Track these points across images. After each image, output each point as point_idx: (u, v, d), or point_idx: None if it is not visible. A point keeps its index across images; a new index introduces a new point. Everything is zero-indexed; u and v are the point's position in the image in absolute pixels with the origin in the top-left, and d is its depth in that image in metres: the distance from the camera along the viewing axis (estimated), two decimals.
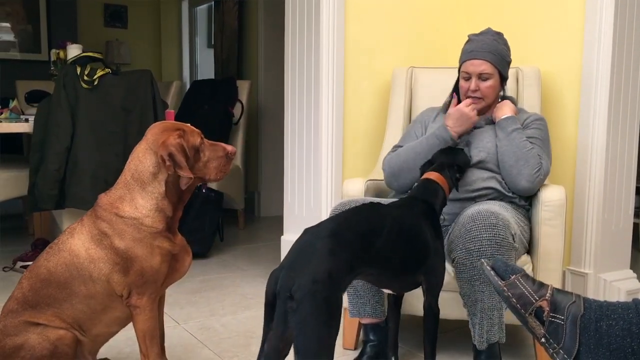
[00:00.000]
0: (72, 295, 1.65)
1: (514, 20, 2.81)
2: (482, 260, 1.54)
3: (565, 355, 1.37)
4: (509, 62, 2.24)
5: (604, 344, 1.33)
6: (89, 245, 1.65)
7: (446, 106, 2.31)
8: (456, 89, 2.28)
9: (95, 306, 1.67)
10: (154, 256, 1.66)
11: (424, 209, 1.79)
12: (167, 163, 1.62)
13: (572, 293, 1.44)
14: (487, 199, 2.10)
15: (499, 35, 2.22)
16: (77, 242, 1.67)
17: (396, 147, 2.33)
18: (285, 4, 2.91)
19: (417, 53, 2.96)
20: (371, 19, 2.84)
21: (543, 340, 1.41)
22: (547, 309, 1.41)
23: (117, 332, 1.80)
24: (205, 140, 1.74)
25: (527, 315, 1.43)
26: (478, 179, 2.11)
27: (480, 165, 2.12)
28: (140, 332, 1.71)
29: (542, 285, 1.45)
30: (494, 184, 2.11)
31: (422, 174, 1.96)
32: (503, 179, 2.13)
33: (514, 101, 2.28)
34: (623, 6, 2.45)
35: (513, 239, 1.89)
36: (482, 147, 2.14)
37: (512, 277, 1.46)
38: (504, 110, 2.19)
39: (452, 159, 1.96)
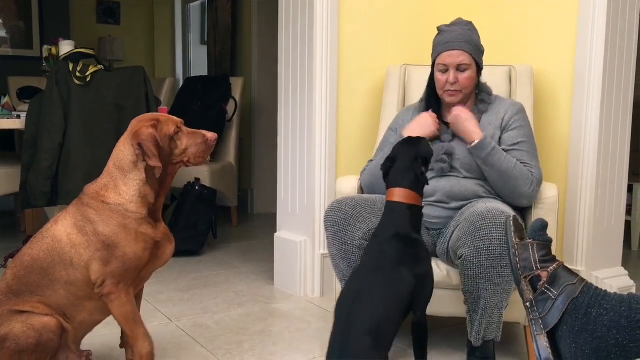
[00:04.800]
0: (54, 281, 1.68)
1: (507, 19, 2.81)
2: (512, 214, 1.56)
3: (542, 326, 1.42)
4: (482, 52, 2.18)
5: (588, 330, 1.36)
6: (70, 231, 1.69)
7: (421, 103, 2.28)
8: (431, 83, 2.23)
9: (77, 292, 1.69)
10: (138, 242, 1.70)
11: (399, 250, 1.68)
12: (136, 152, 1.69)
13: (577, 275, 1.47)
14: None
15: (471, 24, 2.16)
16: (60, 228, 1.70)
17: (371, 161, 2.30)
18: (279, 1, 2.91)
19: (411, 51, 2.97)
20: (365, 16, 2.84)
21: (528, 304, 1.46)
22: (544, 279, 1.45)
23: (100, 321, 1.81)
24: (185, 128, 1.79)
25: (522, 277, 1.47)
26: (465, 190, 2.09)
27: (462, 175, 2.10)
28: (121, 317, 1.73)
29: (553, 260, 1.48)
30: (477, 189, 2.09)
31: (384, 176, 1.83)
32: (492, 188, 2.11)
33: (488, 90, 2.22)
34: (616, 5, 2.46)
35: None
36: (461, 158, 2.10)
37: (529, 241, 1.50)
38: (466, 130, 2.07)
39: (414, 151, 1.80)
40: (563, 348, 1.39)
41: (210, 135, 1.80)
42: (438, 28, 2.18)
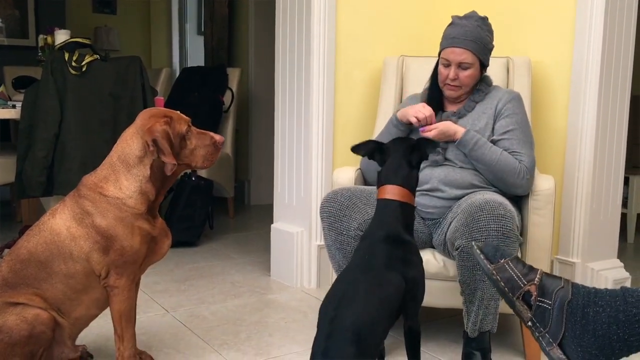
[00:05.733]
0: (52, 274, 1.67)
1: (505, 10, 2.80)
2: (473, 243, 1.54)
3: (550, 339, 1.39)
4: (490, 49, 2.16)
5: (589, 330, 1.35)
6: (70, 224, 1.68)
7: (426, 92, 2.28)
8: (435, 72, 2.23)
9: (75, 286, 1.69)
10: (134, 236, 1.69)
11: (388, 252, 1.62)
12: (151, 148, 1.66)
13: (561, 278, 1.45)
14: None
15: (483, 20, 2.13)
16: (59, 221, 1.69)
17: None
18: None
19: (408, 42, 2.96)
20: (362, 7, 2.82)
21: (529, 323, 1.42)
22: (535, 293, 1.42)
23: (96, 315, 1.81)
24: (194, 128, 1.77)
25: (514, 299, 1.44)
26: (460, 178, 2.09)
27: (458, 165, 2.10)
28: (117, 313, 1.73)
29: (531, 269, 1.46)
30: (472, 179, 2.09)
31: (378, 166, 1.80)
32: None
33: (488, 81, 2.22)
34: None
35: (518, 230, 1.90)
36: (455, 150, 2.10)
37: (502, 261, 1.46)
38: (449, 137, 2.07)
39: (407, 148, 1.75)
40: (570, 354, 1.37)
41: (218, 138, 1.78)
42: (452, 18, 2.16)
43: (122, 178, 1.69)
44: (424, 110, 2.11)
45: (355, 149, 1.82)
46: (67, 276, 1.67)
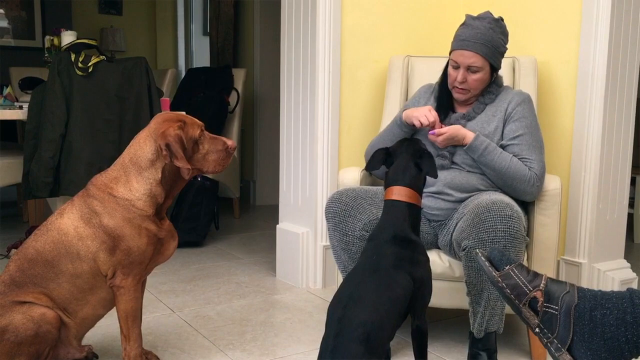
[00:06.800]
0: (59, 274, 1.68)
1: (511, 9, 2.80)
2: (477, 250, 1.54)
3: (559, 345, 1.38)
4: (503, 52, 2.12)
5: (598, 333, 1.34)
6: (77, 224, 1.69)
7: (438, 86, 2.26)
8: (446, 72, 2.20)
9: (82, 285, 1.70)
10: (141, 237, 1.70)
11: (396, 253, 1.63)
12: (164, 153, 1.67)
13: (566, 282, 1.44)
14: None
15: (497, 22, 2.08)
16: (66, 221, 1.70)
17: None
18: None
19: (414, 42, 2.95)
20: (368, 6, 2.82)
21: (537, 330, 1.42)
22: (541, 299, 1.41)
23: (102, 315, 1.81)
24: (206, 133, 1.78)
25: (521, 305, 1.43)
26: (466, 182, 2.08)
27: (465, 169, 2.09)
28: (123, 313, 1.74)
29: (536, 275, 1.45)
30: (478, 183, 2.08)
31: (384, 176, 1.80)
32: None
33: (498, 82, 2.18)
34: None
35: (525, 231, 1.89)
36: (462, 154, 2.09)
37: (507, 268, 1.46)
38: (458, 142, 2.06)
39: (414, 149, 1.77)
40: (579, 358, 1.36)
41: (231, 143, 1.79)
42: (465, 17, 2.13)
43: (132, 180, 1.70)
44: (429, 116, 2.09)
45: (370, 167, 1.82)
46: (74, 276, 1.68)
